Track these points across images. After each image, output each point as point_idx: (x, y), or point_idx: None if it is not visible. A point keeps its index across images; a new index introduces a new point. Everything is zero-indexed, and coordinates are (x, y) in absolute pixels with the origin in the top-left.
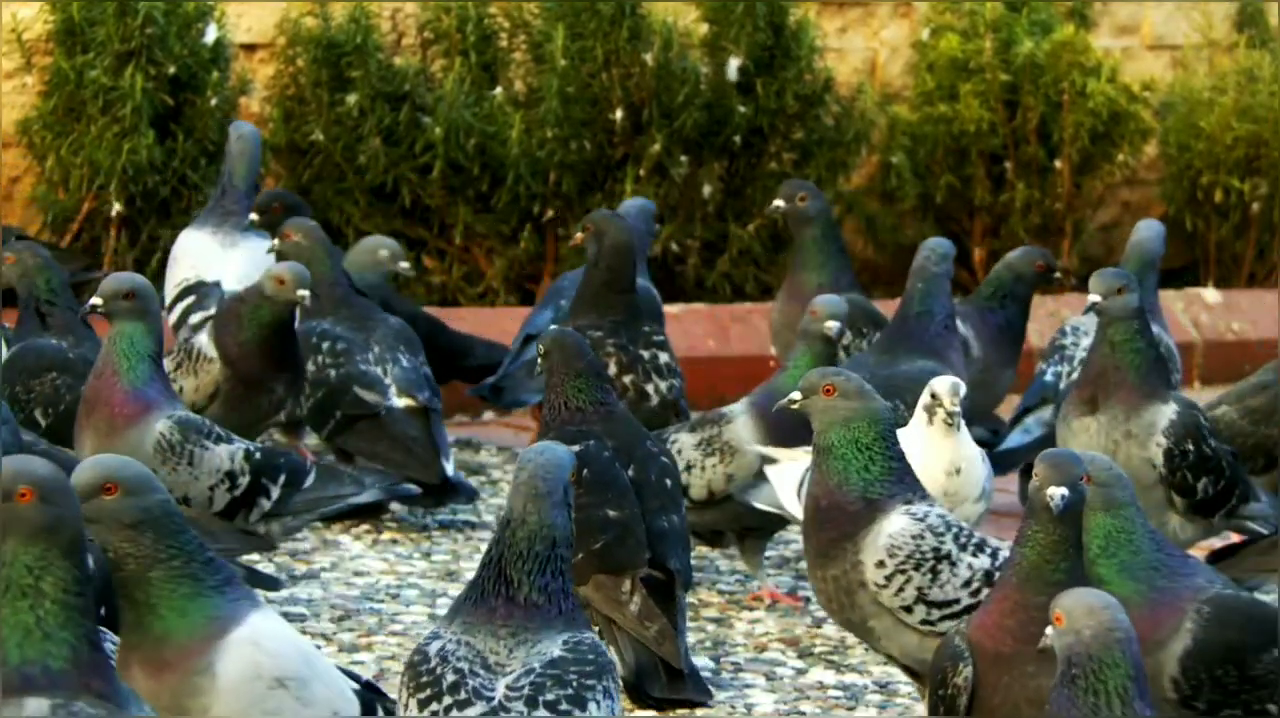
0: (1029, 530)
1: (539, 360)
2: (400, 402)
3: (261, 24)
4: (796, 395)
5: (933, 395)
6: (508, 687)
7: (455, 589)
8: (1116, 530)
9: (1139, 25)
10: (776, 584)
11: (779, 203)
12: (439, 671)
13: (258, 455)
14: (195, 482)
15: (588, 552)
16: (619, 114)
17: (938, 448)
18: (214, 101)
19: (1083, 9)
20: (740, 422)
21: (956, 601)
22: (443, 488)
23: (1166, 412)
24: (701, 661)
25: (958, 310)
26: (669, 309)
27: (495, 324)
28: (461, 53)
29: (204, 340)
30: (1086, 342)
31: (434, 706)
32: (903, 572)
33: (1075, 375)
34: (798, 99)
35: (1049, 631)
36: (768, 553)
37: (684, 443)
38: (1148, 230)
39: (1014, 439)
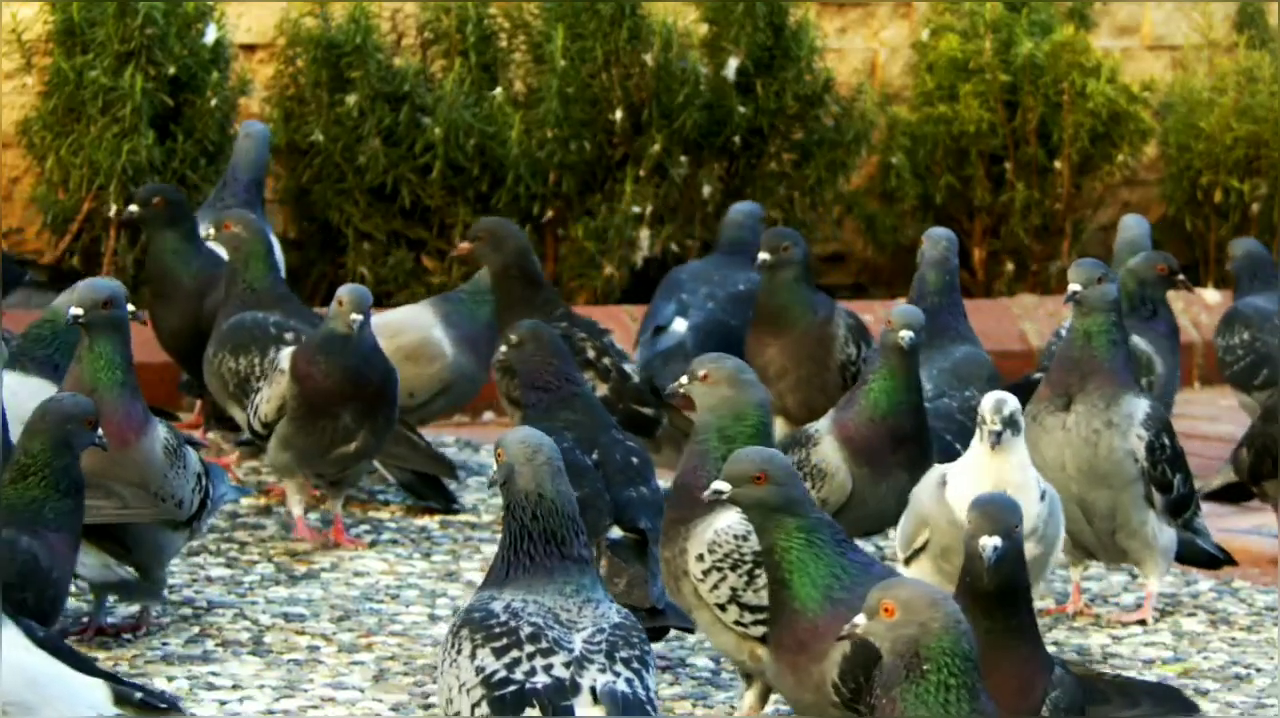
0: (962, 576)
1: (504, 350)
2: None
3: (261, 24)
4: (684, 380)
5: (980, 412)
6: (585, 641)
7: (455, 589)
8: (800, 530)
9: (1139, 25)
10: None
11: (765, 255)
12: (512, 623)
13: (201, 456)
14: (184, 484)
15: None
16: (619, 114)
17: (983, 468)
18: (214, 102)
19: (1083, 9)
20: (827, 443)
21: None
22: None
23: (1142, 404)
24: (702, 660)
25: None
26: None
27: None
28: (461, 53)
29: (286, 353)
30: None
31: (514, 653)
32: (719, 569)
33: None
34: (797, 99)
35: (861, 619)
36: None
37: None
38: (1136, 227)
39: None
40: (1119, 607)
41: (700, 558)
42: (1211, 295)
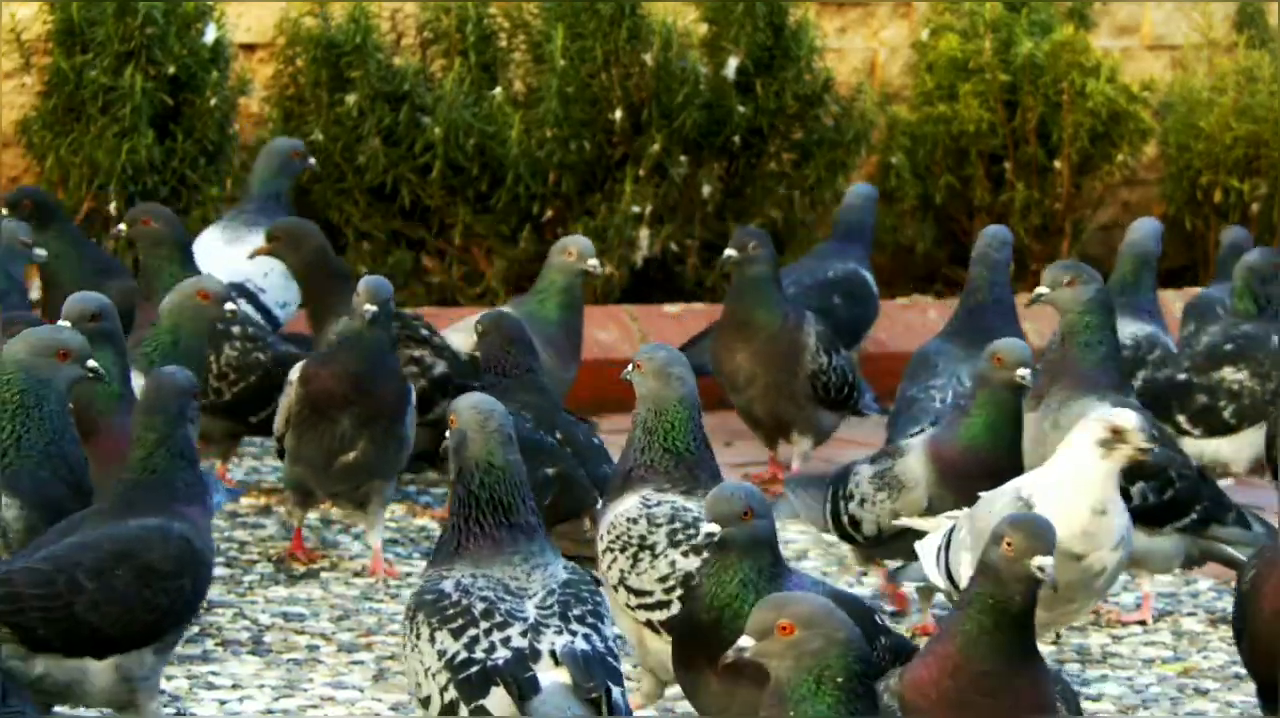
0: (980, 593)
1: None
2: None
3: (261, 24)
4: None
5: (1115, 431)
6: (537, 607)
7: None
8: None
9: (1139, 25)
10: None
11: (731, 252)
12: (464, 601)
13: None
14: None
15: (541, 509)
16: (618, 114)
17: (1092, 484)
18: (213, 101)
19: (1082, 9)
20: (913, 457)
21: (651, 593)
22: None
23: (1098, 408)
24: None
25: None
26: (668, 309)
27: None
28: (461, 53)
29: (299, 364)
30: None
31: (471, 632)
32: (611, 551)
33: None
34: (797, 99)
35: (748, 641)
36: None
37: (863, 475)
38: (1143, 229)
39: None
40: (1119, 606)
41: (600, 538)
42: None
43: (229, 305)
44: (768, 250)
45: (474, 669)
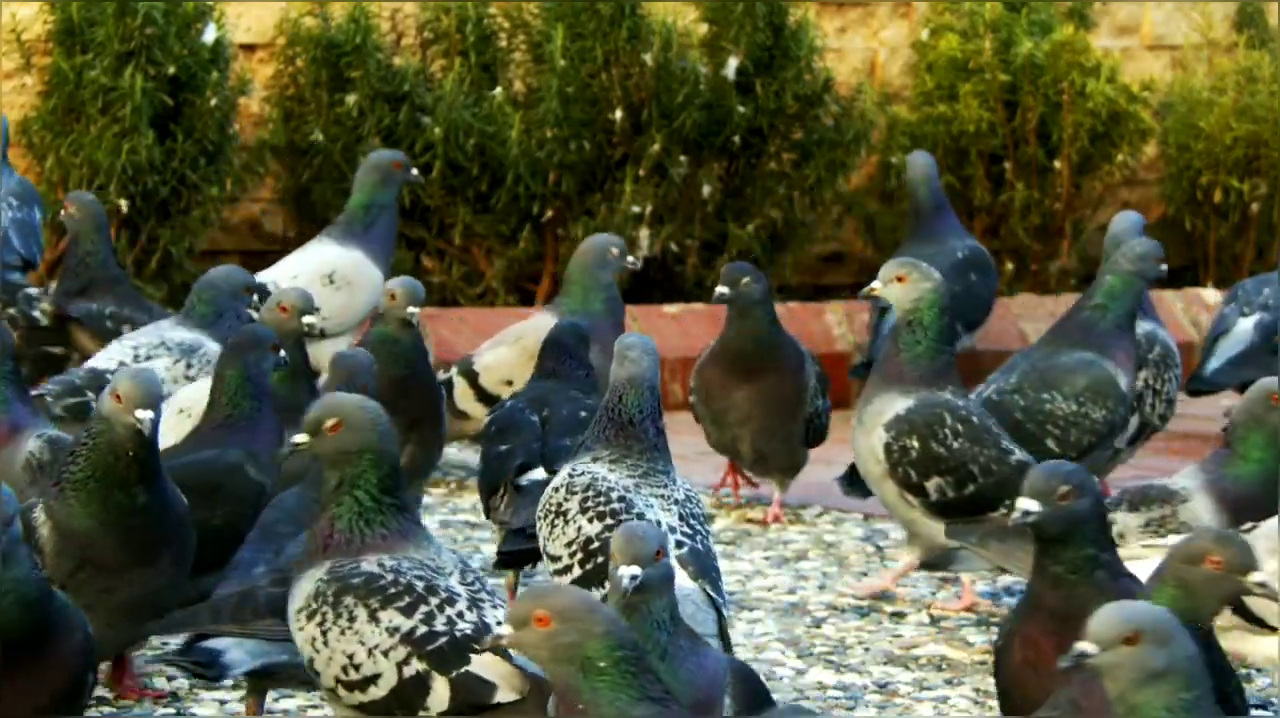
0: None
1: None
2: None
3: (261, 24)
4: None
5: None
6: (460, 583)
7: None
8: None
9: (1139, 25)
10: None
11: (723, 290)
12: (402, 580)
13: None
14: None
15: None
16: (618, 114)
17: None
18: (214, 101)
19: (1082, 9)
20: (1199, 503)
21: (559, 557)
22: None
23: (899, 404)
24: None
25: None
26: (668, 309)
27: (494, 324)
28: (461, 53)
29: None
30: None
31: (423, 608)
32: (540, 519)
33: None
34: (797, 99)
35: (507, 629)
36: (766, 553)
37: (1127, 525)
38: (1124, 223)
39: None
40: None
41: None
42: (1211, 295)
43: (308, 319)
44: (762, 285)
45: (443, 640)
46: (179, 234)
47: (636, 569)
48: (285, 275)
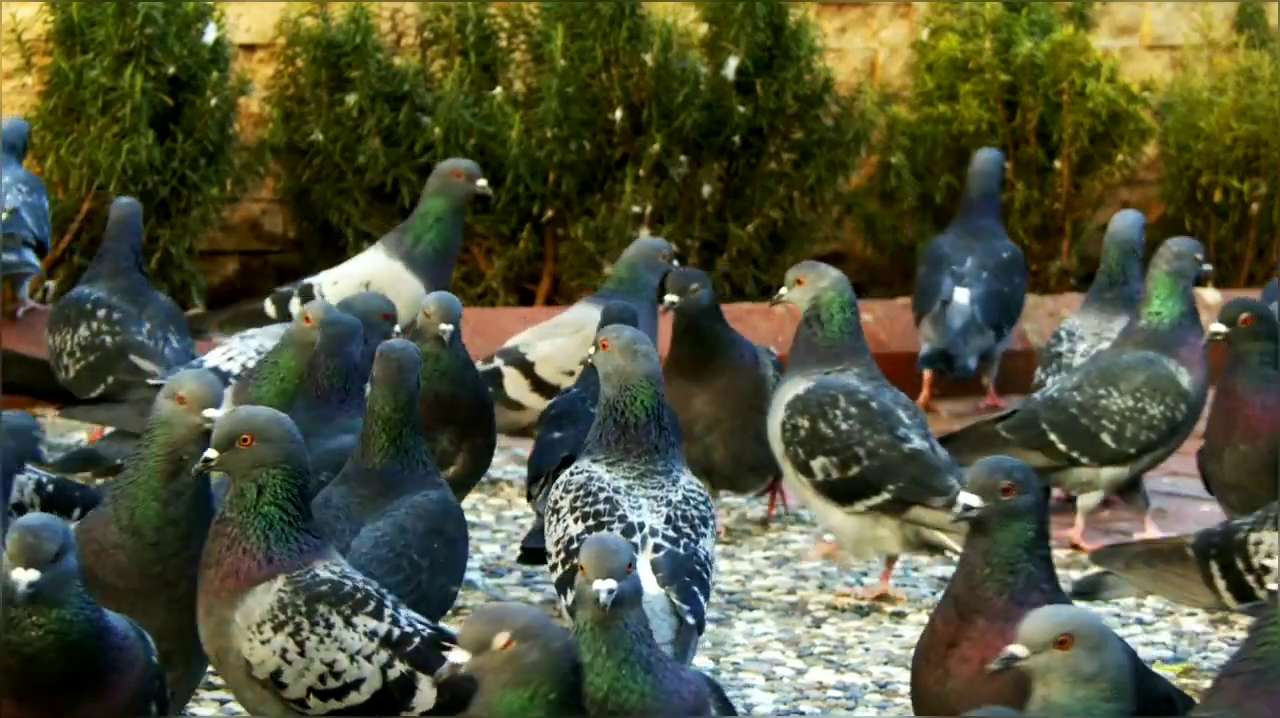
0: None
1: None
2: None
3: (261, 24)
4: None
5: None
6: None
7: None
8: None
9: (1139, 25)
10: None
11: (672, 298)
12: (364, 586)
13: (49, 488)
14: None
15: None
16: (618, 114)
17: None
18: (214, 101)
19: (1082, 9)
20: None
21: (550, 555)
22: None
23: (799, 386)
24: (701, 661)
25: None
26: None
27: (494, 324)
28: (461, 53)
29: None
30: (1083, 346)
31: (388, 611)
32: (546, 515)
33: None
34: (797, 99)
35: (463, 656)
36: (766, 553)
37: (1269, 543)
38: (1123, 220)
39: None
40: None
41: None
42: (1211, 295)
43: (444, 326)
44: (708, 290)
45: (418, 640)
46: (179, 234)
47: (612, 583)
48: (328, 281)
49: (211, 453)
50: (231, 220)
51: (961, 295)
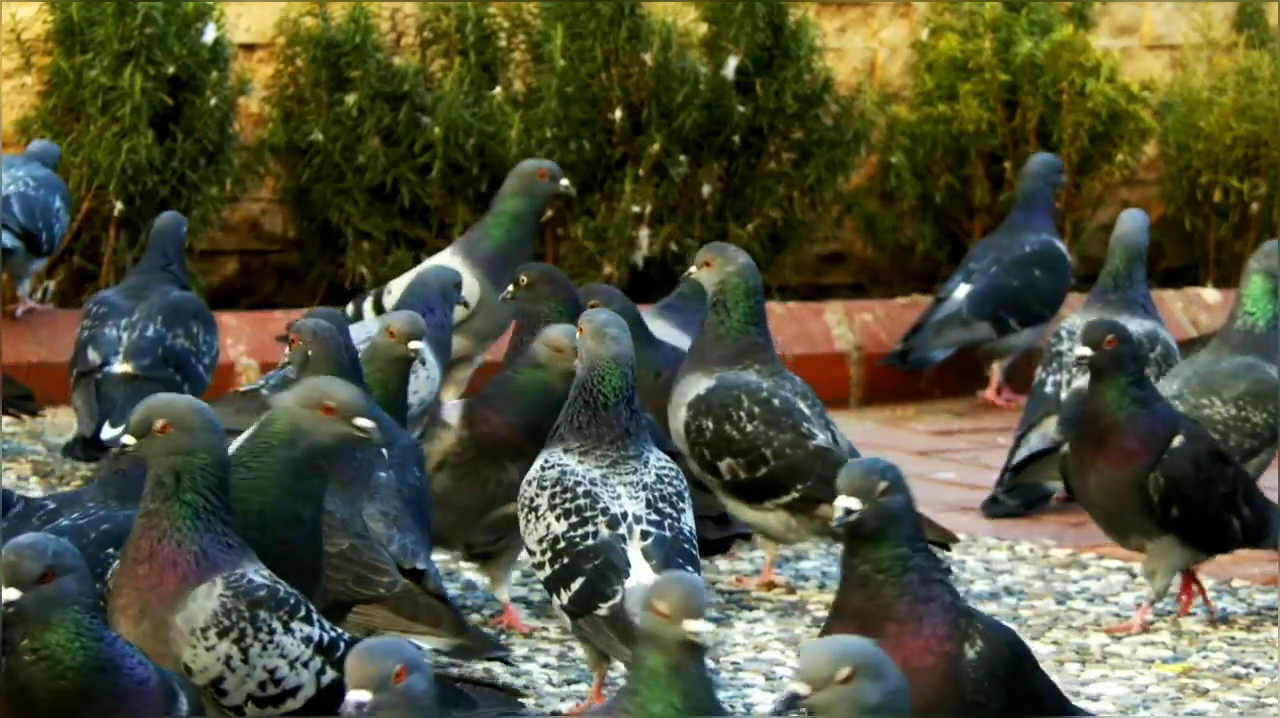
0: None
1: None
2: (120, 367)
3: (261, 24)
4: None
5: None
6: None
7: (454, 588)
8: None
9: (1138, 25)
10: None
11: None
12: (293, 592)
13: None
14: None
15: None
16: (618, 114)
17: None
18: (213, 101)
19: (1082, 9)
20: None
21: (534, 553)
22: (88, 443)
23: (700, 384)
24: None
25: None
26: None
27: None
28: (461, 53)
29: (451, 404)
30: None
31: (314, 615)
32: (519, 511)
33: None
34: (797, 99)
35: (129, 439)
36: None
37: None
38: (1131, 222)
39: (1020, 454)
40: (1119, 607)
41: None
42: (1211, 295)
43: (414, 344)
44: (624, 303)
45: (342, 646)
46: None
47: (708, 625)
48: (399, 283)
49: (129, 439)
50: (231, 220)
51: (960, 291)
